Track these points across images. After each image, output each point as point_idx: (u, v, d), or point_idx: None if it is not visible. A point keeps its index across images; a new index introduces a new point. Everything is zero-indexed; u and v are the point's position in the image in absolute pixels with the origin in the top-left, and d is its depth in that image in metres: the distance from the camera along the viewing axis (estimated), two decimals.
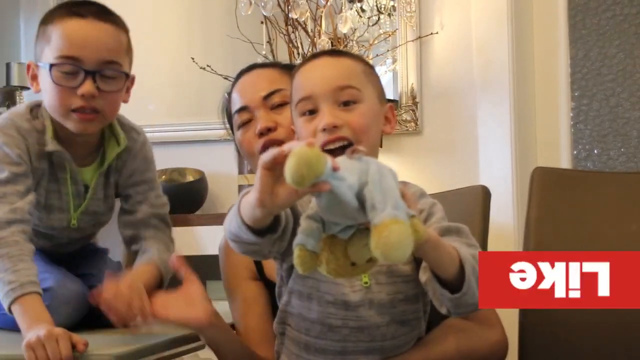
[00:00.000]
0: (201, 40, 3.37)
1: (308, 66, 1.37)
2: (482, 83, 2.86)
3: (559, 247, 1.63)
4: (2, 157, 1.51)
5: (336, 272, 1.05)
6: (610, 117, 2.80)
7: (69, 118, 1.51)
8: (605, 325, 1.57)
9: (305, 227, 1.06)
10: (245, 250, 1.20)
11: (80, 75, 1.48)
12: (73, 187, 1.59)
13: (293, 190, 1.00)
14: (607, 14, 2.80)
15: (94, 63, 1.49)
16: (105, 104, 1.51)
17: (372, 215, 0.98)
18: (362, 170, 1.03)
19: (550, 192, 1.68)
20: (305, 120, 1.33)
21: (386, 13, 3.05)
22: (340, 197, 1.00)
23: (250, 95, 1.59)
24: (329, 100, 1.30)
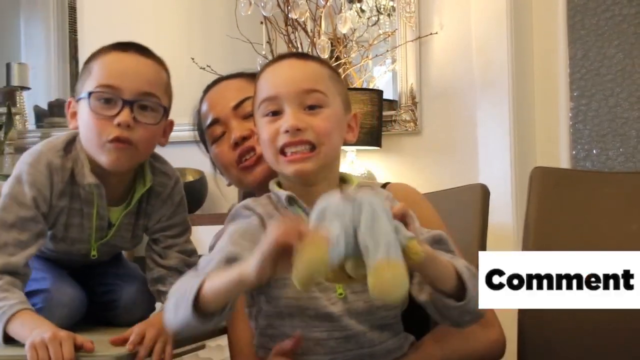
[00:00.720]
0: (201, 40, 3.37)
1: (274, 67, 1.35)
2: (482, 83, 2.87)
3: (558, 247, 1.63)
4: (17, 194, 1.49)
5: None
6: (609, 117, 2.80)
7: (104, 149, 1.48)
8: (605, 325, 1.57)
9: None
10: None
11: (118, 104, 1.46)
12: (98, 222, 1.57)
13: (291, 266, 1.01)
14: (606, 15, 2.81)
15: (132, 93, 1.47)
16: (141, 137, 1.48)
17: (366, 258, 1.00)
18: (354, 216, 1.03)
19: (549, 192, 1.68)
20: (268, 121, 1.31)
21: (386, 13, 3.06)
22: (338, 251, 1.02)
23: (220, 107, 1.58)
24: (294, 103, 1.29)
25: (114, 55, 1.52)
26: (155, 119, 1.51)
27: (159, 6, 3.41)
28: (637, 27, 2.78)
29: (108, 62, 1.51)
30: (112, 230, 1.59)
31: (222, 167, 1.61)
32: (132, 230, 1.62)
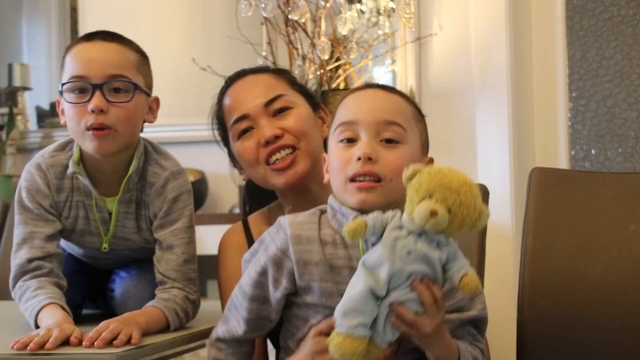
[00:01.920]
0: (202, 41, 3.38)
1: (358, 94, 1.33)
2: (481, 84, 2.87)
3: (557, 247, 1.64)
4: (20, 201, 1.59)
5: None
6: (607, 117, 2.80)
7: (85, 137, 1.52)
8: (605, 325, 1.57)
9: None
10: None
11: (89, 91, 1.51)
12: (98, 213, 1.61)
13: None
14: (604, 16, 2.81)
15: (100, 77, 1.51)
16: (117, 117, 1.52)
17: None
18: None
19: (548, 192, 1.68)
20: (342, 148, 1.28)
21: (385, 14, 3.06)
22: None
23: (249, 102, 1.55)
24: (371, 132, 1.26)
25: (81, 46, 1.55)
26: (128, 96, 1.53)
27: (159, 7, 3.41)
28: (636, 28, 2.78)
29: (75, 53, 1.55)
30: (112, 220, 1.61)
31: (246, 163, 1.58)
32: (135, 220, 1.63)
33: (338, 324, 1.14)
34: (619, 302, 1.57)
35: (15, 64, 3.56)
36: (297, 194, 1.57)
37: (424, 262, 1.14)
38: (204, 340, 1.58)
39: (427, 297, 1.15)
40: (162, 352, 1.42)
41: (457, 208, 1.12)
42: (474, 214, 1.14)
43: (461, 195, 1.12)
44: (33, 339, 1.29)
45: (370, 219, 1.15)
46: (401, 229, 1.15)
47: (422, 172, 1.15)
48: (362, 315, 1.13)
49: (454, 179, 1.13)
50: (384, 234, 1.15)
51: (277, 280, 1.29)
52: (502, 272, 2.59)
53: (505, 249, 2.69)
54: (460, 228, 1.14)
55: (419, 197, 1.12)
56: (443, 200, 1.12)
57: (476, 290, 1.13)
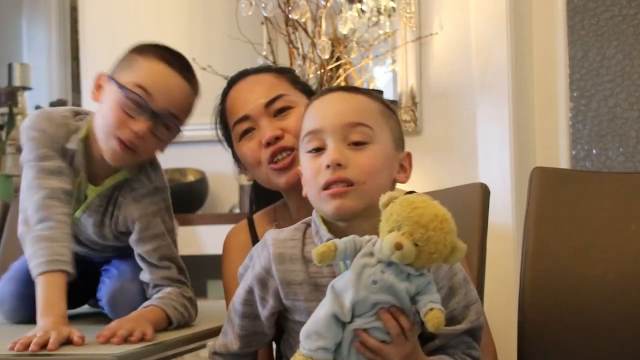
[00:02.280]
0: (202, 40, 3.38)
1: (320, 100, 1.30)
2: (481, 83, 2.87)
3: (558, 247, 1.64)
4: (36, 138, 1.57)
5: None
6: (608, 117, 2.80)
7: (109, 142, 1.52)
8: (606, 324, 1.57)
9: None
10: None
11: (145, 111, 1.51)
12: (77, 192, 1.61)
13: None
14: (605, 15, 2.81)
15: (161, 108, 1.51)
16: (147, 148, 1.54)
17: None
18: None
19: (549, 192, 1.68)
20: (311, 158, 1.25)
21: (386, 14, 3.06)
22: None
23: (250, 103, 1.55)
24: (337, 137, 1.23)
25: (161, 66, 1.55)
26: (170, 138, 1.57)
27: (160, 7, 3.41)
28: (637, 27, 2.78)
29: (153, 68, 1.55)
30: (82, 205, 1.61)
31: (250, 164, 1.57)
32: (101, 214, 1.63)
33: (301, 345, 1.13)
34: (620, 301, 1.57)
35: (15, 64, 3.56)
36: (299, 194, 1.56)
37: (390, 293, 1.12)
38: (205, 341, 1.58)
39: (393, 327, 1.12)
40: (162, 352, 1.42)
41: (424, 243, 1.09)
42: (444, 250, 1.10)
43: (429, 230, 1.09)
44: (31, 340, 1.28)
45: (341, 242, 1.13)
46: (371, 257, 1.12)
47: (396, 201, 1.12)
48: (323, 339, 1.12)
49: (425, 212, 1.10)
50: (354, 260, 1.13)
51: (263, 299, 1.28)
52: (502, 272, 2.58)
53: (506, 249, 2.68)
54: (429, 262, 1.11)
55: (389, 227, 1.10)
56: (410, 234, 1.09)
57: (439, 327, 1.09)
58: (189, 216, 2.99)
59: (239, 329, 1.32)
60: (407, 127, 2.97)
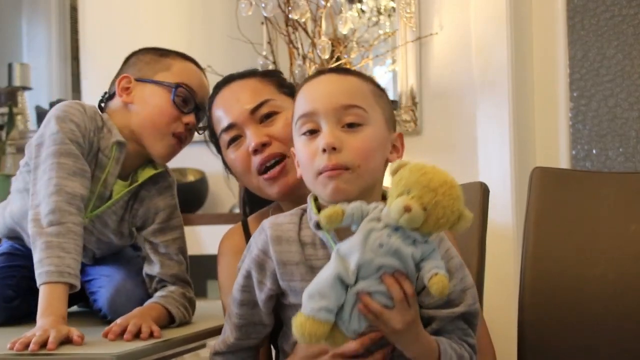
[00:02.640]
0: (202, 40, 3.38)
1: (312, 82, 1.30)
2: (481, 83, 2.87)
3: (558, 247, 1.64)
4: (68, 142, 1.56)
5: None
6: (608, 117, 2.80)
7: (165, 139, 1.63)
8: (606, 324, 1.57)
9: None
10: None
11: (191, 105, 1.66)
12: (102, 188, 1.62)
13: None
14: (605, 15, 2.81)
15: (201, 102, 1.67)
16: (188, 139, 1.68)
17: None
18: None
19: (549, 192, 1.68)
20: (305, 141, 1.25)
21: (386, 14, 3.06)
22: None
23: (235, 111, 1.52)
24: (332, 120, 1.23)
25: (192, 66, 1.73)
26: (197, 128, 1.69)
27: (160, 7, 3.41)
28: (637, 27, 2.78)
29: (188, 67, 1.72)
30: (109, 202, 1.63)
31: (240, 173, 1.55)
32: (123, 209, 1.66)
33: (303, 305, 1.12)
34: (620, 301, 1.58)
35: (15, 64, 3.56)
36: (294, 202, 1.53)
37: (396, 257, 1.12)
38: (204, 341, 1.58)
39: (396, 291, 1.13)
40: (162, 352, 1.42)
41: (433, 207, 1.10)
42: (452, 216, 1.12)
43: (438, 195, 1.10)
44: (31, 339, 1.28)
45: (350, 207, 1.14)
46: (378, 221, 1.13)
47: (405, 167, 1.14)
48: (326, 300, 1.11)
49: (434, 177, 1.12)
50: (361, 224, 1.14)
51: (261, 282, 1.28)
52: (502, 272, 2.58)
53: (506, 249, 2.68)
54: (436, 228, 1.12)
55: (398, 191, 1.12)
56: (419, 198, 1.10)
57: (443, 292, 1.10)
58: (189, 216, 2.99)
59: (237, 318, 1.32)
60: (407, 127, 2.97)
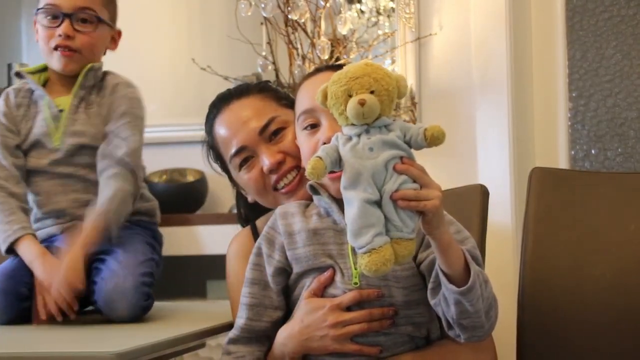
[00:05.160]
0: (201, 41, 3.38)
1: (310, 80, 1.40)
2: (481, 84, 2.87)
3: (557, 247, 1.64)
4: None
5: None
6: (607, 117, 2.80)
7: (53, 56, 1.81)
8: (606, 324, 1.57)
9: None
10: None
11: (59, 18, 1.80)
12: (48, 110, 1.81)
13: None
14: (604, 15, 2.81)
15: (70, 8, 1.80)
16: (83, 44, 1.81)
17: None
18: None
19: (548, 192, 1.68)
20: (307, 135, 1.36)
21: (385, 14, 3.06)
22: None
23: (243, 133, 1.53)
24: (330, 115, 1.27)
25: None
26: (92, 27, 1.82)
27: (159, 7, 3.41)
28: (635, 28, 2.78)
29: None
30: (64, 113, 1.80)
31: (254, 192, 1.56)
32: (85, 113, 1.81)
33: (357, 247, 1.14)
34: (619, 301, 1.58)
35: (14, 64, 3.55)
36: None
37: (387, 147, 1.16)
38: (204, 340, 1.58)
39: (415, 171, 1.17)
40: (162, 351, 1.42)
41: (377, 85, 1.16)
42: (392, 82, 1.17)
43: (372, 74, 1.16)
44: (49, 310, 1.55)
45: (322, 153, 1.17)
46: (350, 139, 1.17)
47: (329, 86, 1.19)
48: (372, 227, 1.13)
49: (356, 69, 1.17)
50: (341, 153, 1.17)
51: (270, 256, 1.36)
52: (502, 272, 2.58)
53: (505, 249, 2.68)
54: (391, 102, 1.17)
55: (343, 103, 1.16)
56: (360, 88, 1.15)
57: (443, 135, 1.16)
58: (188, 216, 2.99)
59: (249, 297, 1.37)
60: None
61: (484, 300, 1.23)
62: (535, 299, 1.62)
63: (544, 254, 1.64)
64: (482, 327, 1.25)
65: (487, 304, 1.24)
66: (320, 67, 1.49)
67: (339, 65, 1.39)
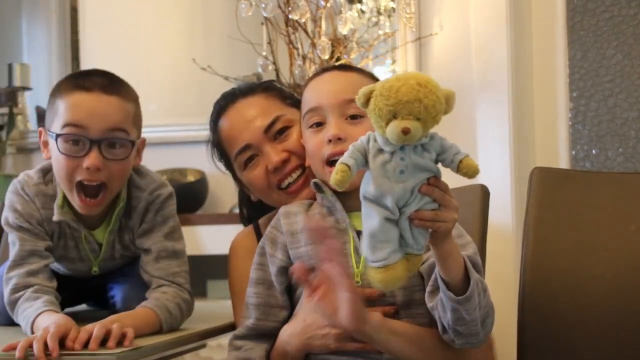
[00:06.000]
0: (202, 41, 3.38)
1: (317, 79, 1.42)
2: (481, 84, 2.87)
3: (558, 247, 1.64)
4: (19, 228, 1.57)
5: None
6: (608, 117, 2.80)
7: (74, 195, 1.53)
8: (606, 325, 1.57)
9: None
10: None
11: (85, 144, 1.50)
12: (88, 245, 1.63)
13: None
14: (605, 15, 2.81)
15: (99, 132, 1.50)
16: (112, 174, 1.53)
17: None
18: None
19: (549, 192, 1.68)
20: (313, 132, 1.38)
21: (386, 14, 3.06)
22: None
23: (248, 131, 1.53)
24: (336, 113, 1.35)
25: (78, 96, 1.52)
26: (125, 154, 1.53)
27: (160, 7, 3.41)
28: (636, 28, 2.78)
29: (72, 102, 1.52)
30: (102, 250, 1.64)
31: (258, 190, 1.56)
32: (120, 243, 1.66)
33: (371, 261, 1.15)
34: (619, 301, 1.57)
35: (15, 64, 3.56)
36: None
37: (419, 170, 1.14)
38: (204, 341, 1.59)
39: (437, 192, 1.15)
40: (162, 352, 1.42)
41: (425, 114, 1.11)
42: (441, 106, 1.14)
43: (423, 100, 1.11)
44: (31, 342, 1.27)
45: (349, 159, 1.14)
46: (383, 152, 1.14)
47: (376, 95, 1.14)
48: (389, 244, 1.14)
49: (408, 90, 1.12)
50: (370, 164, 1.14)
51: (272, 255, 1.38)
52: (502, 272, 2.58)
53: (505, 249, 2.68)
54: (434, 123, 1.15)
55: (384, 120, 1.12)
56: (408, 114, 1.11)
57: (476, 171, 1.14)
58: (189, 216, 2.99)
59: (254, 297, 1.39)
60: None
61: (481, 309, 1.23)
62: (536, 299, 1.62)
63: (545, 254, 1.64)
64: (477, 334, 1.25)
65: (484, 313, 1.25)
66: (328, 67, 1.51)
67: (346, 65, 1.40)
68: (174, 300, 1.54)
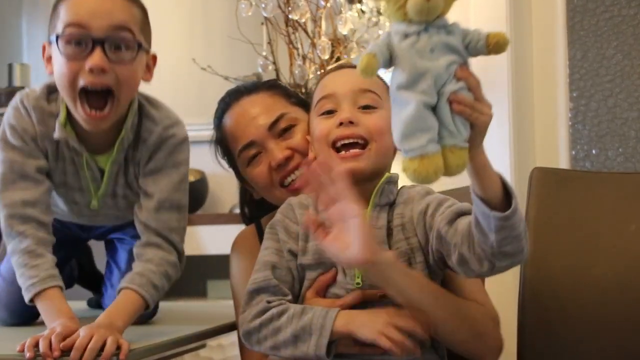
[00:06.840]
0: (202, 41, 3.38)
1: (332, 73, 1.42)
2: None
3: (557, 247, 1.64)
4: (6, 138, 1.47)
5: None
6: (608, 117, 2.80)
7: (77, 107, 1.40)
8: (606, 324, 1.57)
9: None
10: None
11: (88, 44, 1.37)
12: (89, 172, 1.51)
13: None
14: (605, 15, 2.81)
15: (103, 30, 1.37)
16: (119, 80, 1.39)
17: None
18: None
19: (549, 192, 1.68)
20: (323, 119, 1.35)
21: None
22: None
23: (252, 128, 1.53)
24: (349, 101, 1.34)
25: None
26: (131, 56, 1.40)
27: (160, 7, 3.41)
28: (636, 28, 2.78)
29: (74, 2, 1.42)
30: (104, 179, 1.52)
31: (261, 187, 1.56)
32: (124, 176, 1.55)
33: (405, 150, 1.07)
34: (620, 301, 1.58)
35: (15, 64, 3.56)
36: None
37: (449, 50, 1.08)
38: (205, 341, 1.58)
39: (474, 80, 1.11)
40: (162, 352, 1.42)
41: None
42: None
43: None
44: (37, 340, 1.25)
45: (376, 49, 1.06)
46: (407, 37, 1.07)
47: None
48: (428, 131, 1.05)
49: None
50: (397, 50, 1.07)
51: (285, 242, 1.33)
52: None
53: None
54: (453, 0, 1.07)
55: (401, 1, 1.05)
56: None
57: (507, 44, 1.07)
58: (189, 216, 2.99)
59: (267, 255, 1.33)
60: None
61: (522, 221, 1.17)
62: (536, 298, 1.62)
63: (545, 254, 1.64)
64: (522, 251, 1.18)
65: (524, 225, 1.18)
66: (344, 64, 1.51)
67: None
68: (159, 270, 1.46)
